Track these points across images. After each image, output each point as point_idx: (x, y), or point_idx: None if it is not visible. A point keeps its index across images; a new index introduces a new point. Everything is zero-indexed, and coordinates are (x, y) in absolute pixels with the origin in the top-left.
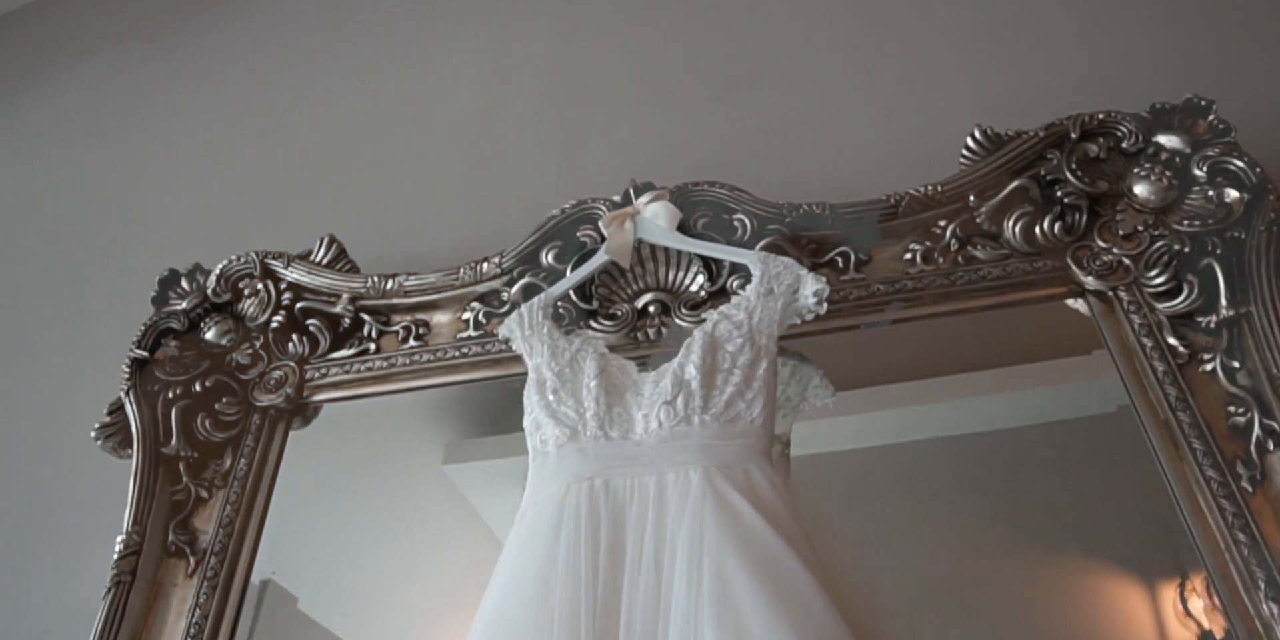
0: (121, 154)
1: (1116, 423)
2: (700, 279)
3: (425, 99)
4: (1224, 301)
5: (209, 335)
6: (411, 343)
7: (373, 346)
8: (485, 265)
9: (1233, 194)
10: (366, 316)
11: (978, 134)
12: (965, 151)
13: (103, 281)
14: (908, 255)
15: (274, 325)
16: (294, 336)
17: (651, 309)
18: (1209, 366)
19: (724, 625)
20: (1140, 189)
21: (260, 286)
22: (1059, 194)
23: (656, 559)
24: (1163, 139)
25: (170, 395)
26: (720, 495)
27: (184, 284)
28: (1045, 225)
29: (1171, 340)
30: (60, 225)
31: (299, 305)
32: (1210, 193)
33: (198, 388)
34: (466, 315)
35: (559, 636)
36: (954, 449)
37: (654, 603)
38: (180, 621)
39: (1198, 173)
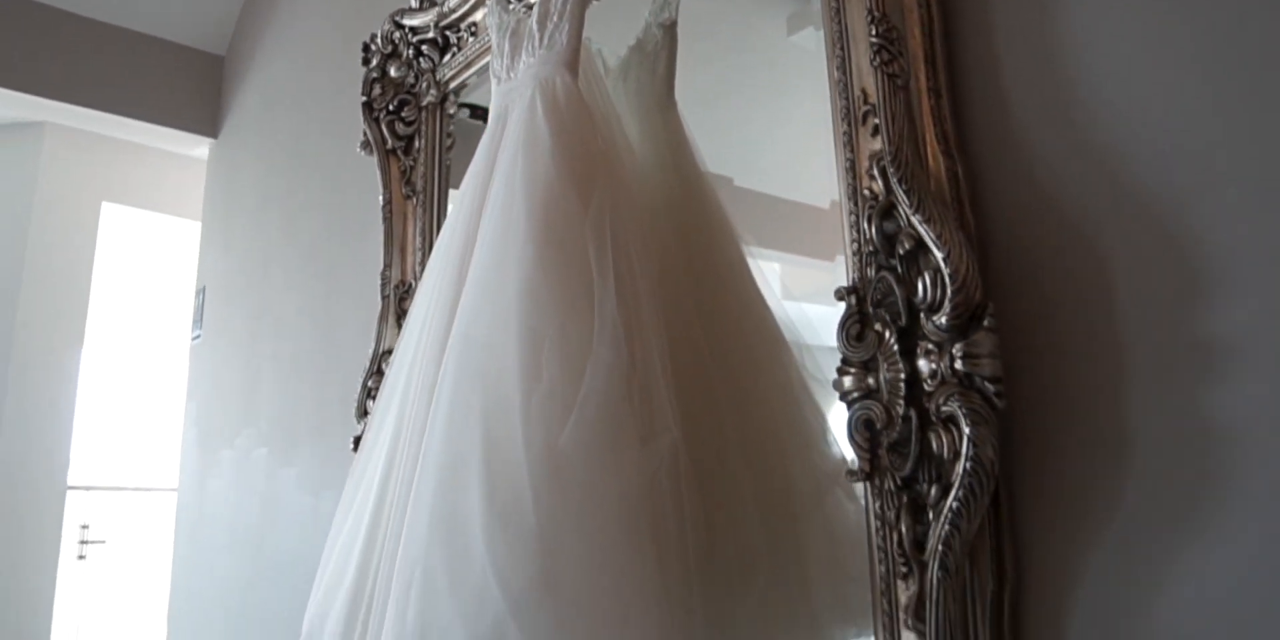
0: None
1: None
2: None
3: None
4: None
5: (392, 74)
6: (470, 39)
7: (457, 49)
8: None
9: None
10: (448, 32)
11: None
12: None
13: (344, 58)
14: None
15: (410, 54)
16: (420, 59)
17: None
18: None
19: (509, 191)
20: None
21: (397, 35)
22: None
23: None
24: None
25: (381, 115)
26: (531, 104)
27: (371, 47)
28: None
29: None
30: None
31: (415, 38)
32: None
33: (391, 107)
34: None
35: (450, 246)
36: None
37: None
38: (415, 229)
39: None
